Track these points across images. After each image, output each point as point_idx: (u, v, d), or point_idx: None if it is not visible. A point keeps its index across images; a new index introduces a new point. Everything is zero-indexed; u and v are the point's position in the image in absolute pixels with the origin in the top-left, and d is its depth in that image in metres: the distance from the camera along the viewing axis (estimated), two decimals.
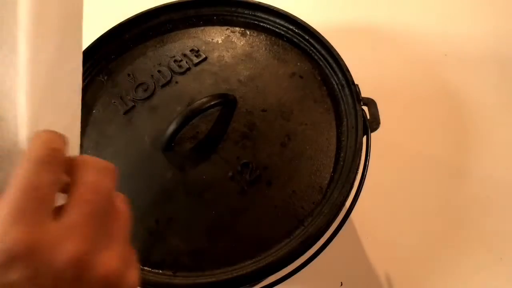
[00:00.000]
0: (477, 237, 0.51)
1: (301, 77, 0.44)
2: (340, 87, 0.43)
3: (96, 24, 0.50)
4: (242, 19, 0.49)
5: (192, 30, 0.49)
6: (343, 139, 0.40)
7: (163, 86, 0.45)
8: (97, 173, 0.21)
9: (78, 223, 0.19)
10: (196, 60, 0.46)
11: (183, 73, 0.45)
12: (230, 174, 0.39)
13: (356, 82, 0.42)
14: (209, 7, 0.49)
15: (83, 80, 0.44)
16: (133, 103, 0.44)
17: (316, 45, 0.45)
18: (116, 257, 0.20)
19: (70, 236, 0.18)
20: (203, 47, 0.47)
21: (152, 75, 0.45)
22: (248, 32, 0.48)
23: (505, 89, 0.62)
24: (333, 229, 0.38)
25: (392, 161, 0.57)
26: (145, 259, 0.36)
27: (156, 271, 0.36)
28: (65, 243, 0.18)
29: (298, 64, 0.45)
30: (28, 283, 0.17)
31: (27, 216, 0.17)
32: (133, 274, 0.21)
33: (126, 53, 0.47)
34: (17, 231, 0.17)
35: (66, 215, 0.19)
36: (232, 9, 0.49)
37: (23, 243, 0.17)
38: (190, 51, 0.47)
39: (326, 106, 0.43)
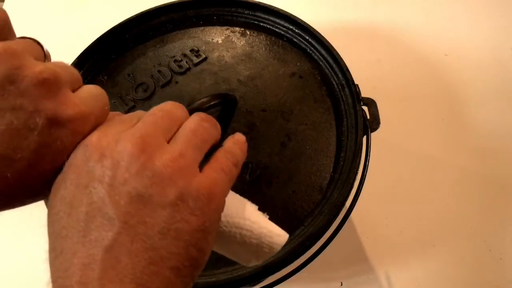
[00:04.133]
0: (477, 237, 0.51)
1: (301, 77, 0.44)
2: (340, 87, 0.43)
3: (96, 24, 0.50)
4: (242, 19, 0.49)
5: (192, 30, 0.49)
6: (343, 139, 0.40)
7: (163, 86, 0.45)
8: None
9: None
10: (196, 60, 0.46)
11: (183, 73, 0.45)
12: None
13: (356, 82, 0.42)
14: (209, 7, 0.49)
15: (83, 80, 0.44)
16: (133, 103, 0.44)
17: (316, 45, 0.45)
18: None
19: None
20: (203, 47, 0.47)
21: (152, 75, 0.45)
22: (248, 32, 0.48)
23: (505, 89, 0.62)
24: (333, 229, 0.38)
25: (392, 161, 0.57)
26: None
27: None
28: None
29: (298, 64, 0.45)
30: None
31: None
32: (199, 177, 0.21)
33: (126, 53, 0.47)
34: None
35: None
36: (232, 9, 0.49)
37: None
38: (190, 51, 0.47)
39: (326, 106, 0.43)
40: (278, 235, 0.25)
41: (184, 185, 0.19)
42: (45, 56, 0.22)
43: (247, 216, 0.25)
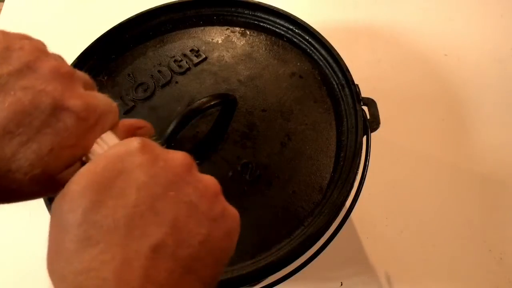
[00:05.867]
0: (477, 237, 0.51)
1: (301, 77, 0.44)
2: (340, 87, 0.43)
3: (96, 24, 0.50)
4: (242, 19, 0.49)
5: (192, 30, 0.49)
6: (343, 139, 0.40)
7: (163, 86, 0.45)
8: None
9: None
10: (196, 60, 0.46)
11: (183, 73, 0.45)
12: (230, 174, 0.39)
13: (356, 82, 0.42)
14: (209, 7, 0.49)
15: None
16: (133, 103, 0.44)
17: (316, 45, 0.45)
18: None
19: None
20: (203, 47, 0.47)
21: (152, 75, 0.45)
22: (248, 32, 0.48)
23: (505, 89, 0.62)
24: (333, 229, 0.38)
25: (392, 161, 0.57)
26: None
27: None
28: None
29: (298, 64, 0.45)
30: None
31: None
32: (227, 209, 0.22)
33: (126, 53, 0.47)
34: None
35: None
36: (232, 9, 0.49)
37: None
38: (190, 51, 0.47)
39: (326, 106, 0.43)
40: None
41: (225, 205, 0.21)
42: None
43: None
